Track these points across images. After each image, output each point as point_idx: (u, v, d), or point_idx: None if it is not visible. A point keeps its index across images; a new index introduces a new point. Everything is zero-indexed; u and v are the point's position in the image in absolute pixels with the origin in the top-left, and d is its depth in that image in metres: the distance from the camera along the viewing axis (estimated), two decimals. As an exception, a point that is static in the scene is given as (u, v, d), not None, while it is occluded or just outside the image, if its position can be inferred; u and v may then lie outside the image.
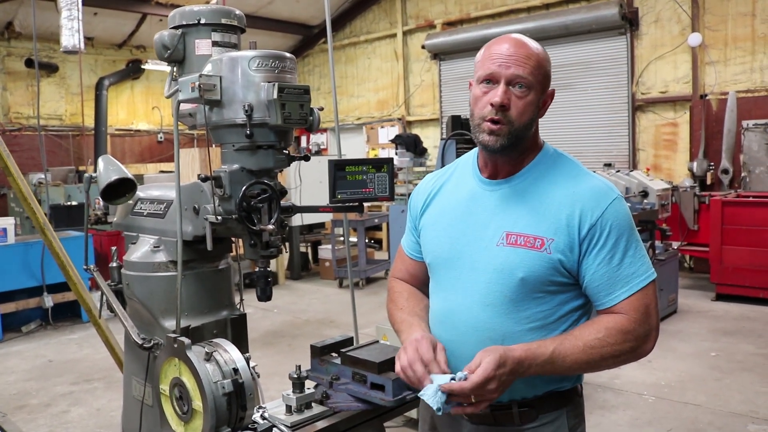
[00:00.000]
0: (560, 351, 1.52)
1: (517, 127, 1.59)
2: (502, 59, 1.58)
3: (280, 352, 6.07)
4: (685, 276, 8.61)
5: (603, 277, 1.57)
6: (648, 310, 1.58)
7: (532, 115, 1.61)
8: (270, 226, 2.04)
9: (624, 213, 1.61)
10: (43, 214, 4.04)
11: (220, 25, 2.19)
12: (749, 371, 5.16)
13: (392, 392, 1.94)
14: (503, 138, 1.59)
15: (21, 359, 6.10)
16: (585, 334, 1.56)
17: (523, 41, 1.62)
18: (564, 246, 1.57)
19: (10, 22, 11.24)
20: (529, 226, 1.60)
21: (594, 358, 1.54)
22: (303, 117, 2.03)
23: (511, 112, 1.58)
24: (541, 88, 1.62)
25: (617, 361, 1.58)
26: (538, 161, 1.69)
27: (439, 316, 1.75)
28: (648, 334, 1.59)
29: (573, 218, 1.57)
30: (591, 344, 1.54)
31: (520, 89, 1.58)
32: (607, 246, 1.57)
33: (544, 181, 1.65)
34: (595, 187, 1.62)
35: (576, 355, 1.53)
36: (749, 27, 8.68)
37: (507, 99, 1.57)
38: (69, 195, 9.64)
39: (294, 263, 9.71)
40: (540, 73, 1.60)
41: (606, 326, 1.56)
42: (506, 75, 1.57)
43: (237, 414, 1.82)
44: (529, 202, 1.63)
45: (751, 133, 8.61)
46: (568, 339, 1.55)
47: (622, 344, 1.55)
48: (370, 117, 13.60)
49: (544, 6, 10.70)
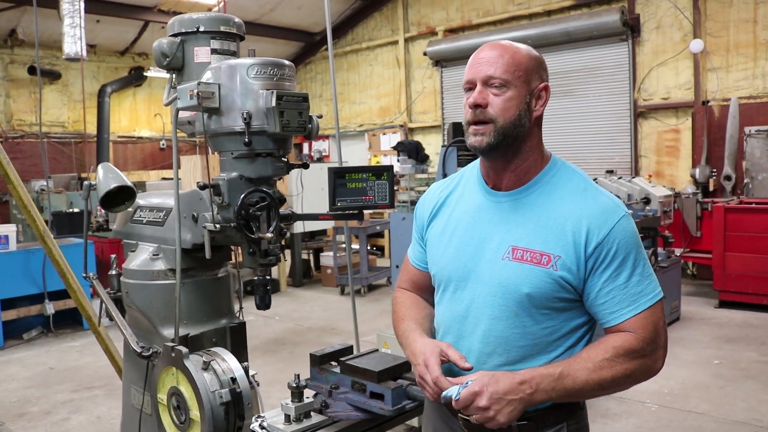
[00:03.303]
0: (569, 372, 1.50)
1: (503, 124, 1.58)
2: (478, 65, 1.62)
3: (282, 360, 6.05)
4: (687, 283, 8.58)
5: (609, 295, 1.56)
6: (656, 329, 1.57)
7: (519, 110, 1.59)
8: (268, 234, 2.03)
9: (631, 231, 1.59)
10: (43, 221, 4.04)
11: (219, 33, 2.19)
12: (753, 379, 5.12)
13: (392, 401, 1.93)
14: (488, 136, 1.59)
15: (22, 366, 6.09)
16: (593, 354, 1.54)
17: (500, 44, 1.63)
18: (570, 263, 1.56)
19: (13, 30, 11.29)
20: (536, 242, 1.58)
21: (605, 378, 1.52)
22: (302, 124, 2.02)
23: (490, 111, 1.58)
24: (523, 83, 1.60)
25: (629, 381, 1.56)
26: (545, 174, 1.67)
27: (445, 328, 1.74)
28: (656, 353, 1.57)
29: (580, 235, 1.56)
30: (600, 364, 1.52)
31: (497, 88, 1.59)
32: (613, 264, 1.55)
33: (552, 195, 1.63)
34: (602, 204, 1.60)
35: (586, 375, 1.51)
36: (751, 33, 8.68)
37: (482, 99, 1.58)
38: (71, 202, 9.65)
39: (296, 270, 9.69)
40: (518, 69, 1.59)
41: (613, 345, 1.54)
42: (480, 77, 1.60)
43: (235, 423, 1.81)
44: (535, 217, 1.61)
45: (753, 139, 8.60)
46: (576, 360, 1.54)
47: (632, 362, 1.53)
48: (372, 124, 13.61)
49: (545, 13, 10.72)
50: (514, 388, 1.48)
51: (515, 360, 1.60)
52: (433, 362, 1.57)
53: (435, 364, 1.57)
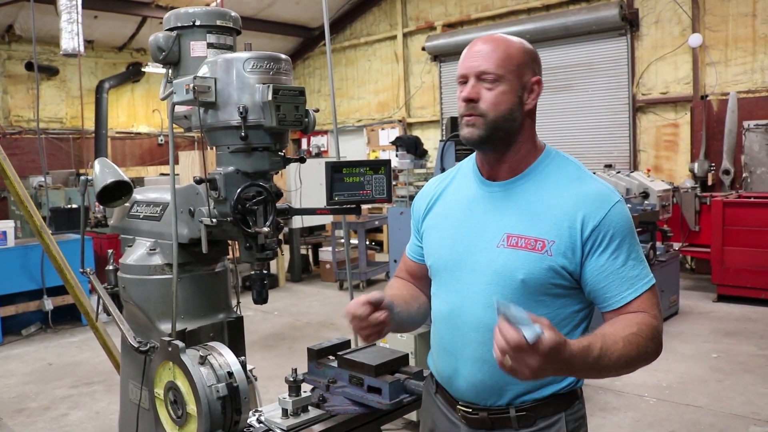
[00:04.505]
0: (606, 347, 1.43)
1: (493, 117, 1.59)
2: (471, 59, 1.62)
3: (281, 354, 6.06)
4: (686, 277, 8.58)
5: (608, 278, 1.56)
6: (659, 311, 1.58)
7: (511, 104, 1.60)
8: (265, 229, 2.02)
9: (626, 216, 1.61)
10: (41, 217, 4.03)
11: (215, 27, 2.19)
12: (751, 372, 5.13)
13: (389, 395, 1.93)
14: (479, 129, 1.60)
15: (21, 362, 6.09)
16: (619, 330, 1.49)
17: (493, 38, 1.64)
18: (565, 248, 1.56)
19: (10, 26, 11.27)
20: (530, 228, 1.59)
21: (631, 354, 1.46)
22: (298, 119, 2.02)
23: (482, 105, 1.60)
24: (516, 77, 1.61)
25: (642, 360, 1.51)
26: (539, 163, 1.68)
27: (442, 318, 1.75)
28: (661, 335, 1.57)
29: (575, 221, 1.57)
30: (629, 339, 1.47)
31: (490, 82, 1.60)
32: (610, 248, 1.56)
33: (546, 183, 1.64)
34: (597, 190, 1.62)
35: (619, 350, 1.44)
36: (750, 27, 8.67)
37: (475, 93, 1.60)
38: (69, 198, 9.64)
39: (294, 265, 9.69)
40: (511, 63, 1.60)
41: (636, 321, 1.51)
42: (473, 71, 1.61)
43: (232, 418, 1.81)
44: (530, 204, 1.62)
45: (752, 133, 8.59)
46: (607, 336, 1.46)
47: (653, 339, 1.51)
48: (370, 119, 13.59)
49: (544, 7, 10.70)
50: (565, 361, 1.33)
51: None
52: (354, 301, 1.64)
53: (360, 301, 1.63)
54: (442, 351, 1.73)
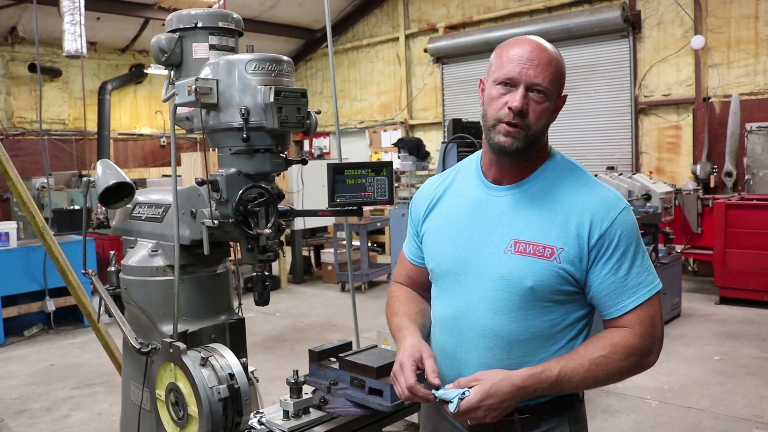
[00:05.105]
0: (566, 372, 1.53)
1: (534, 132, 1.59)
2: (523, 63, 1.56)
3: (282, 356, 6.06)
4: (688, 279, 8.57)
5: (611, 287, 1.57)
6: (653, 322, 1.58)
7: (548, 121, 1.62)
8: (267, 230, 2.02)
9: (632, 223, 1.61)
10: (43, 218, 4.03)
11: (217, 29, 2.18)
12: (753, 375, 5.12)
13: (390, 397, 1.93)
14: (519, 141, 1.58)
15: (23, 363, 6.10)
16: (590, 351, 1.56)
17: (543, 45, 1.60)
18: (573, 255, 1.56)
19: (13, 27, 11.29)
20: (538, 235, 1.59)
21: (600, 375, 1.55)
22: (300, 120, 2.02)
23: (529, 118, 1.57)
24: (557, 95, 1.62)
25: (622, 376, 1.59)
26: (546, 168, 1.67)
27: (444, 322, 1.73)
28: (652, 347, 1.59)
29: (582, 227, 1.57)
30: (597, 362, 1.54)
31: (539, 95, 1.57)
32: (615, 256, 1.57)
33: (553, 188, 1.64)
34: (604, 196, 1.62)
35: (582, 374, 1.54)
36: (752, 29, 8.66)
37: (526, 105, 1.56)
38: (72, 199, 9.66)
39: (296, 267, 9.70)
40: (558, 80, 1.60)
41: (611, 342, 1.56)
42: (526, 81, 1.56)
43: (233, 419, 1.81)
44: (537, 210, 1.62)
45: (754, 135, 8.58)
46: (573, 358, 1.55)
47: (627, 359, 1.56)
48: (372, 121, 13.60)
49: (546, 9, 10.70)
50: (513, 395, 1.51)
51: (517, 354, 1.61)
52: (408, 368, 1.59)
53: (410, 372, 1.58)
54: (445, 355, 1.71)
